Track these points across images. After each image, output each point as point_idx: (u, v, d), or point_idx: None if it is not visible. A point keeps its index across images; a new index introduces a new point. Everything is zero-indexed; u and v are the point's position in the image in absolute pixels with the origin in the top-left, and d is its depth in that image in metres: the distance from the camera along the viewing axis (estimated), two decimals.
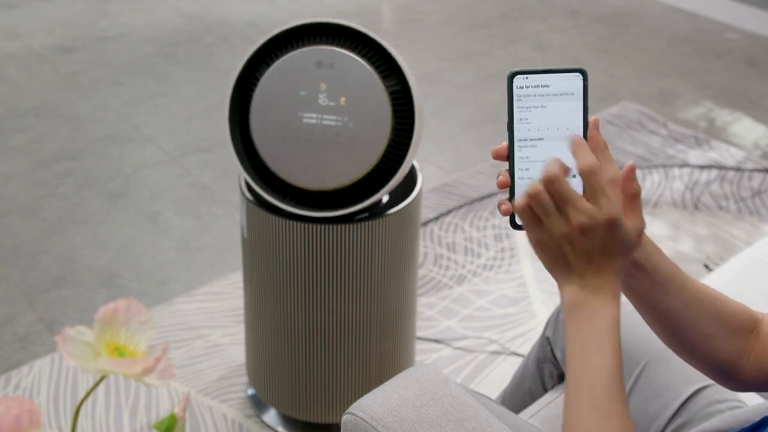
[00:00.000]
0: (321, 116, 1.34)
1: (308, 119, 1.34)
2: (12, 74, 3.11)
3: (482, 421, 0.94)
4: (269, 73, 1.33)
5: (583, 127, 0.79)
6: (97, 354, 1.18)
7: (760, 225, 2.37)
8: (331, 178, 1.37)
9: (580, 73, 0.78)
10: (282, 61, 1.33)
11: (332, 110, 1.34)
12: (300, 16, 3.72)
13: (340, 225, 1.38)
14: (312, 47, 1.33)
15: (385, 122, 1.35)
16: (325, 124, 1.34)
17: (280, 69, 1.32)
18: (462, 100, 3.04)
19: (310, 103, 1.34)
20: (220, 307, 2.00)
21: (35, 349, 1.86)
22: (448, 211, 2.38)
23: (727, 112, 3.05)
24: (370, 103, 1.34)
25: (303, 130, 1.34)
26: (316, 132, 1.34)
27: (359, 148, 1.36)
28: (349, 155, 1.36)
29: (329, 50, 1.33)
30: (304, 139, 1.35)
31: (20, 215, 2.31)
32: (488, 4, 3.97)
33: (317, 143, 1.35)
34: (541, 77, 0.78)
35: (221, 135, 2.73)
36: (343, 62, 1.33)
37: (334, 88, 1.33)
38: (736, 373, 0.84)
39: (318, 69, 1.32)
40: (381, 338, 1.54)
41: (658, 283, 0.80)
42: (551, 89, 0.79)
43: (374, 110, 1.34)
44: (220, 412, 1.71)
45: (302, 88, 1.33)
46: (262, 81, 1.33)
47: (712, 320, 0.82)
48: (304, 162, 1.36)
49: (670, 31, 3.77)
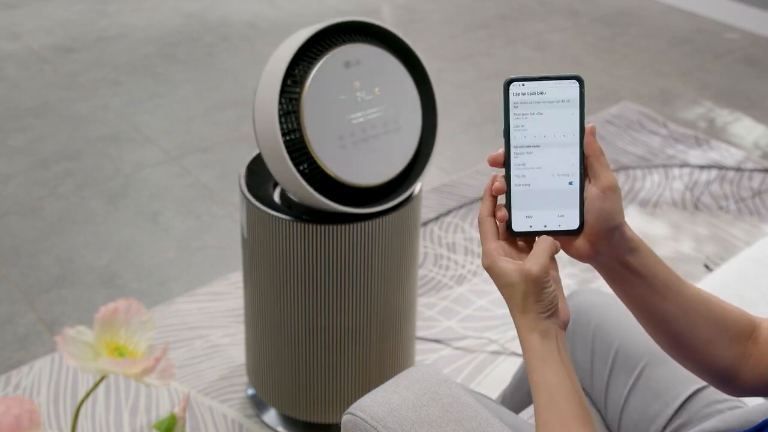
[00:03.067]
0: (365, 112, 1.38)
1: (356, 119, 1.37)
2: (12, 74, 3.11)
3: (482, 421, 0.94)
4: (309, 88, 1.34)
5: (579, 134, 0.79)
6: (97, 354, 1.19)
7: (760, 225, 2.37)
8: (386, 170, 1.42)
9: (577, 80, 0.79)
10: (315, 73, 1.34)
11: (371, 103, 1.39)
12: (300, 16, 3.72)
13: (340, 225, 1.39)
14: (336, 50, 1.35)
15: (416, 104, 1.43)
16: (370, 119, 1.39)
17: (315, 81, 1.34)
18: (462, 100, 3.04)
19: (352, 103, 1.37)
20: (220, 307, 2.00)
21: (35, 349, 1.86)
22: (448, 211, 2.38)
23: (727, 112, 3.05)
24: (401, 87, 1.42)
25: (356, 131, 1.38)
26: (367, 128, 1.39)
27: (403, 132, 1.43)
28: (398, 142, 1.42)
29: (351, 48, 1.36)
30: (360, 138, 1.39)
31: (20, 215, 2.31)
32: (488, 4, 3.97)
33: (369, 139, 1.40)
34: (537, 84, 0.79)
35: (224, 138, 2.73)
36: (368, 57, 1.38)
37: (366, 82, 1.38)
38: (736, 379, 0.84)
39: (347, 69, 1.36)
40: (381, 338, 1.54)
41: (655, 289, 0.80)
42: (547, 96, 0.79)
43: (406, 94, 1.43)
44: (220, 412, 1.72)
45: (340, 93, 1.36)
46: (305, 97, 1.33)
47: (711, 326, 0.82)
48: (361, 161, 1.39)
49: (670, 31, 3.77)
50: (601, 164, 0.78)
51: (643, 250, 0.80)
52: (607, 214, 0.78)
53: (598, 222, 0.78)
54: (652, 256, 0.81)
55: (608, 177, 0.77)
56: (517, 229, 0.80)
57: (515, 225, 0.80)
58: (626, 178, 2.59)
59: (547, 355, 0.76)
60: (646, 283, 0.80)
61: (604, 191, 0.77)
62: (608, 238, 0.79)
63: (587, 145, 0.78)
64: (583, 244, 0.80)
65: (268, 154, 1.36)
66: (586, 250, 0.80)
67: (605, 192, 0.77)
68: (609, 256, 0.80)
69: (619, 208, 0.78)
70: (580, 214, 0.79)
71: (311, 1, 3.90)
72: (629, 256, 0.79)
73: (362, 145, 1.38)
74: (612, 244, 0.79)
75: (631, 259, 0.79)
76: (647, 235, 2.31)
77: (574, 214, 0.79)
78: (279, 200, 1.49)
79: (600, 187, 0.78)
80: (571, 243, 0.80)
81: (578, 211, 0.79)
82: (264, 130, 1.35)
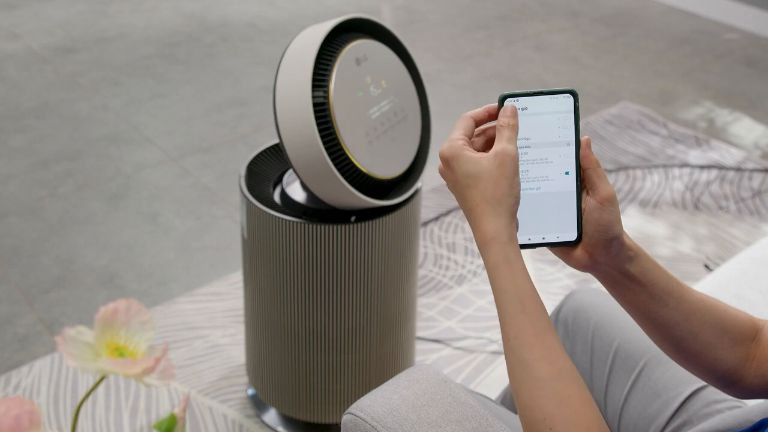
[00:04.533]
0: (379, 106, 1.40)
1: (374, 114, 1.40)
2: (12, 75, 3.11)
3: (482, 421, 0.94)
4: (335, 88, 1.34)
5: (575, 147, 0.80)
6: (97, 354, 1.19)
7: (760, 225, 2.37)
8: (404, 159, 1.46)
9: (571, 94, 0.80)
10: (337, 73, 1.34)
11: (382, 96, 1.41)
12: (300, 17, 3.72)
13: (340, 225, 1.39)
14: (347, 48, 1.36)
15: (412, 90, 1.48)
16: (384, 111, 1.41)
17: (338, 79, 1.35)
18: (462, 101, 3.04)
19: (368, 98, 1.39)
20: (220, 307, 2.00)
21: (35, 349, 1.86)
22: (448, 211, 2.38)
23: (727, 113, 3.05)
24: (402, 78, 1.47)
25: (377, 125, 1.40)
26: (384, 121, 1.41)
27: (410, 120, 1.46)
28: (408, 129, 1.46)
29: (361, 45, 1.38)
30: (381, 131, 1.41)
31: (20, 216, 2.31)
32: (488, 4, 3.97)
33: (387, 131, 1.42)
34: (532, 99, 0.80)
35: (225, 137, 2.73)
36: (373, 52, 1.40)
37: (375, 76, 1.40)
38: (739, 381, 0.85)
39: (358, 66, 1.37)
40: (381, 338, 1.54)
41: (656, 296, 0.81)
42: (542, 110, 0.80)
43: (406, 84, 1.47)
44: (220, 412, 1.72)
45: (358, 90, 1.37)
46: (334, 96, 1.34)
47: (713, 330, 0.82)
48: (385, 153, 1.42)
49: (670, 31, 3.77)
50: (598, 176, 0.79)
51: (642, 258, 0.80)
52: (606, 225, 0.79)
53: (597, 233, 0.79)
54: (652, 263, 0.81)
55: (606, 188, 0.79)
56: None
57: None
58: (626, 178, 2.59)
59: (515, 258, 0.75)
60: (646, 290, 0.81)
61: (602, 203, 0.78)
62: (607, 249, 0.79)
63: (583, 158, 0.80)
64: (581, 254, 0.81)
65: (301, 157, 1.36)
66: (585, 261, 0.81)
67: (603, 203, 0.78)
68: (608, 266, 0.81)
69: (617, 218, 0.79)
70: (578, 226, 0.80)
71: (311, 2, 3.90)
72: (628, 265, 0.80)
73: (383, 137, 1.41)
74: (611, 254, 0.79)
75: (630, 268, 0.80)
76: (647, 235, 2.31)
77: (572, 226, 0.80)
78: (279, 200, 1.50)
79: (598, 199, 0.79)
80: (570, 253, 0.81)
81: (576, 222, 0.80)
82: (297, 133, 1.34)
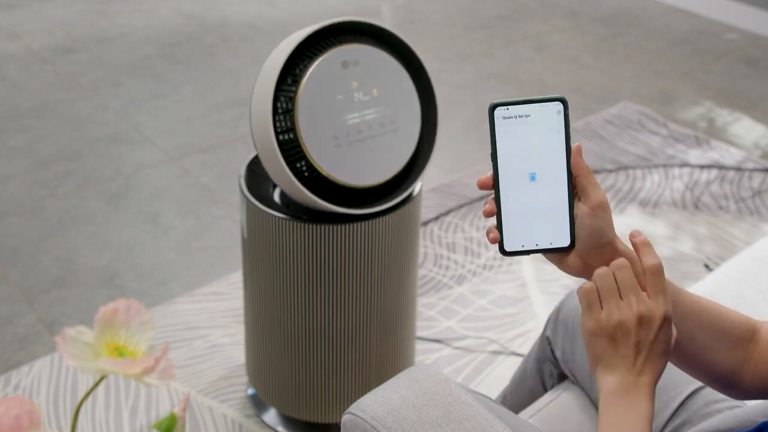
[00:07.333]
0: (362, 113, 1.38)
1: (352, 120, 1.37)
2: (12, 75, 3.11)
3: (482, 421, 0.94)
4: (305, 87, 1.33)
5: (566, 154, 0.80)
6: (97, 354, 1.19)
7: (760, 225, 2.37)
8: (382, 171, 1.41)
9: (561, 101, 0.80)
10: (312, 72, 1.33)
11: (369, 104, 1.38)
12: (300, 17, 3.72)
13: (340, 225, 1.39)
14: (334, 50, 1.34)
15: (415, 105, 1.43)
16: (367, 120, 1.38)
17: (311, 80, 1.33)
18: (462, 101, 3.04)
19: (348, 103, 1.36)
20: (220, 307, 2.00)
21: (35, 349, 1.86)
22: (448, 211, 2.38)
23: (727, 112, 3.05)
24: (401, 88, 1.41)
25: (351, 131, 1.37)
26: (363, 129, 1.38)
27: (401, 134, 1.42)
28: (395, 143, 1.41)
29: (350, 49, 1.36)
30: (355, 139, 1.38)
31: (20, 215, 2.31)
32: (488, 4, 3.97)
33: (366, 139, 1.39)
34: (522, 108, 0.80)
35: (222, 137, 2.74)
36: (368, 57, 1.37)
37: (365, 83, 1.37)
38: (738, 382, 0.85)
39: (344, 69, 1.35)
40: (381, 338, 1.54)
41: None
42: (532, 118, 0.80)
43: (405, 94, 1.42)
44: (220, 412, 1.72)
45: (337, 93, 1.35)
46: (301, 96, 1.33)
47: (709, 332, 0.83)
48: (356, 161, 1.38)
49: (670, 31, 3.77)
50: (589, 182, 0.79)
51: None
52: (598, 231, 0.79)
53: (590, 239, 0.79)
54: None
55: (597, 195, 0.79)
56: (509, 249, 0.82)
57: (507, 245, 0.82)
58: (626, 178, 2.59)
59: (648, 418, 0.75)
60: None
61: (593, 209, 0.79)
62: (600, 254, 0.80)
63: (575, 165, 0.80)
64: (575, 260, 0.81)
65: (263, 153, 1.36)
66: (579, 266, 0.81)
67: (595, 210, 0.79)
68: None
69: (610, 224, 0.80)
70: (571, 232, 0.81)
71: (311, 2, 3.90)
72: None
73: (358, 145, 1.38)
74: (604, 260, 0.80)
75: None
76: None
77: (564, 232, 0.81)
78: (279, 200, 1.50)
79: (590, 206, 0.79)
80: (563, 260, 0.82)
81: (568, 228, 0.81)
82: (259, 128, 1.35)
